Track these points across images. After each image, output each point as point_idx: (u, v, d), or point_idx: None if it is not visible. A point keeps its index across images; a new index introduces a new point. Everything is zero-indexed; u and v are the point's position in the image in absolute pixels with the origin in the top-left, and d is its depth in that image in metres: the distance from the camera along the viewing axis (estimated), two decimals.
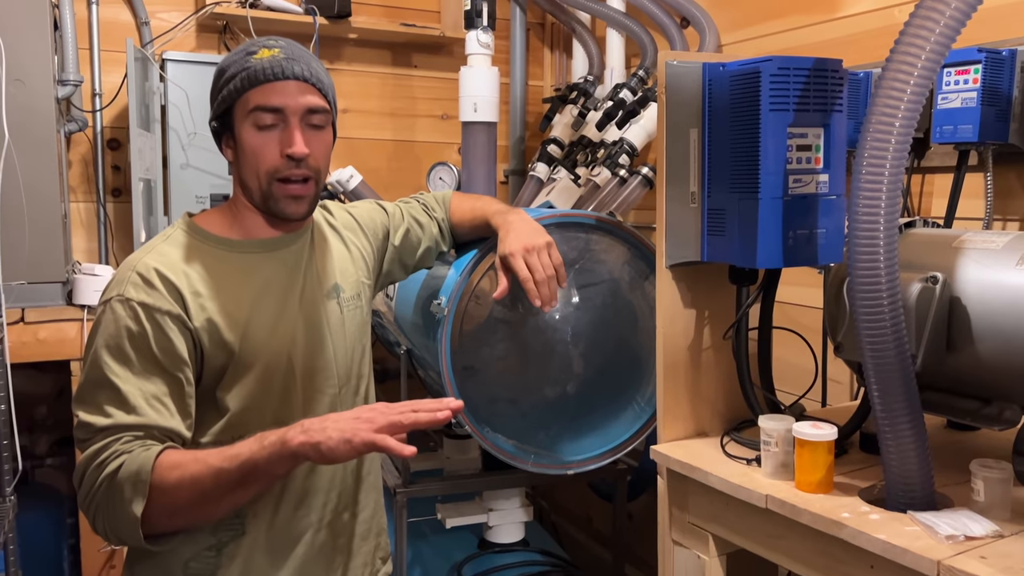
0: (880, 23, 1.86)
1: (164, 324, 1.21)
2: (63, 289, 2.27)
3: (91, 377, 1.20)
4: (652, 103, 2.40)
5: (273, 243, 1.35)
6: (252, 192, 1.31)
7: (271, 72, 1.25)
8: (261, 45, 1.28)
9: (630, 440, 1.95)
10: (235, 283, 1.29)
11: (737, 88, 1.35)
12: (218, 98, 1.29)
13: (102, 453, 1.15)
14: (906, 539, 1.07)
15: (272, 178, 1.28)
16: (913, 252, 1.28)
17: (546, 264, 1.58)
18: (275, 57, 1.26)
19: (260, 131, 1.26)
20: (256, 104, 1.25)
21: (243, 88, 1.25)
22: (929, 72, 1.06)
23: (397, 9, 3.03)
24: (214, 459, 1.13)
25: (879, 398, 1.14)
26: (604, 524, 2.97)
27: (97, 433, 1.17)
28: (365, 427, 1.09)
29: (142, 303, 1.20)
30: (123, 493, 1.13)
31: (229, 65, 1.28)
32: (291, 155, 1.26)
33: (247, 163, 1.29)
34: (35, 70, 2.20)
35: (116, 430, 1.16)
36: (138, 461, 1.13)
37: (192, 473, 1.12)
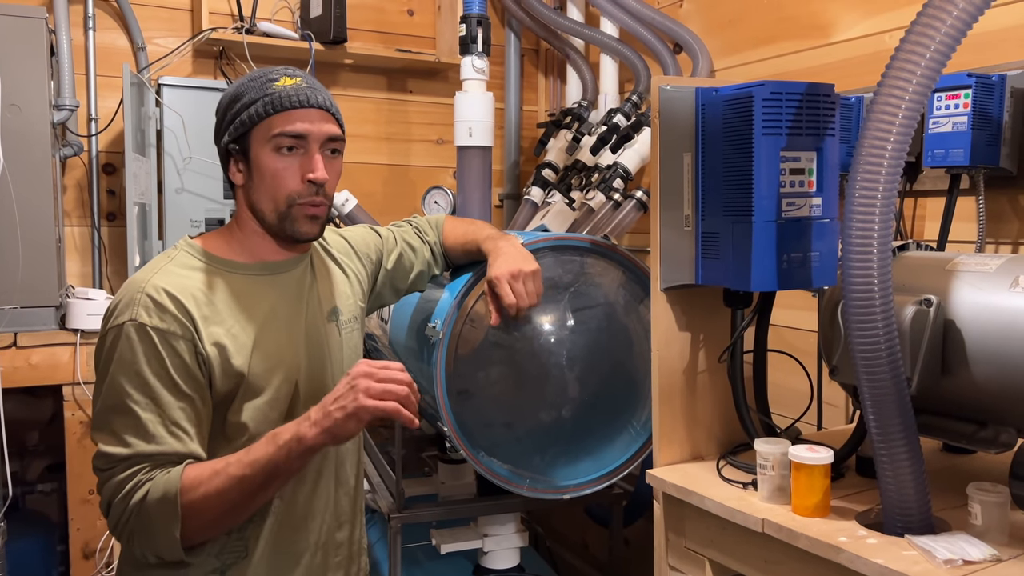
0: (871, 49, 1.88)
1: (179, 348, 1.21)
2: (56, 313, 2.26)
3: (108, 404, 1.20)
4: (646, 128, 2.42)
5: (277, 267, 1.35)
6: (265, 215, 1.31)
7: (296, 99, 1.27)
8: (282, 73, 1.30)
9: (626, 464, 1.94)
10: (242, 307, 1.29)
11: (730, 112, 1.36)
12: (235, 121, 1.29)
13: (126, 484, 1.17)
14: (904, 563, 1.06)
15: (291, 202, 1.29)
16: (907, 275, 1.28)
17: (531, 292, 1.62)
18: (298, 85, 1.29)
19: (281, 156, 1.28)
20: (281, 129, 1.27)
21: (266, 113, 1.27)
22: (920, 97, 1.07)
23: (392, 35, 3.05)
24: (234, 469, 1.16)
25: (875, 421, 1.13)
26: (600, 550, 2.94)
27: (119, 463, 1.18)
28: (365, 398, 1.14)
29: (156, 328, 1.20)
30: (156, 520, 1.16)
31: (246, 91, 1.29)
32: (313, 180, 1.28)
33: (263, 186, 1.29)
34: (31, 95, 2.21)
35: (137, 460, 1.18)
36: (162, 487, 1.16)
37: (217, 487, 1.16)
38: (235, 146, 1.30)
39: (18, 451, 2.50)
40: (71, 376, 2.23)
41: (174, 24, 2.77)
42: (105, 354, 1.22)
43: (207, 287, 1.27)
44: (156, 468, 1.18)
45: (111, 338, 1.21)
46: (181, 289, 1.25)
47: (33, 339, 2.20)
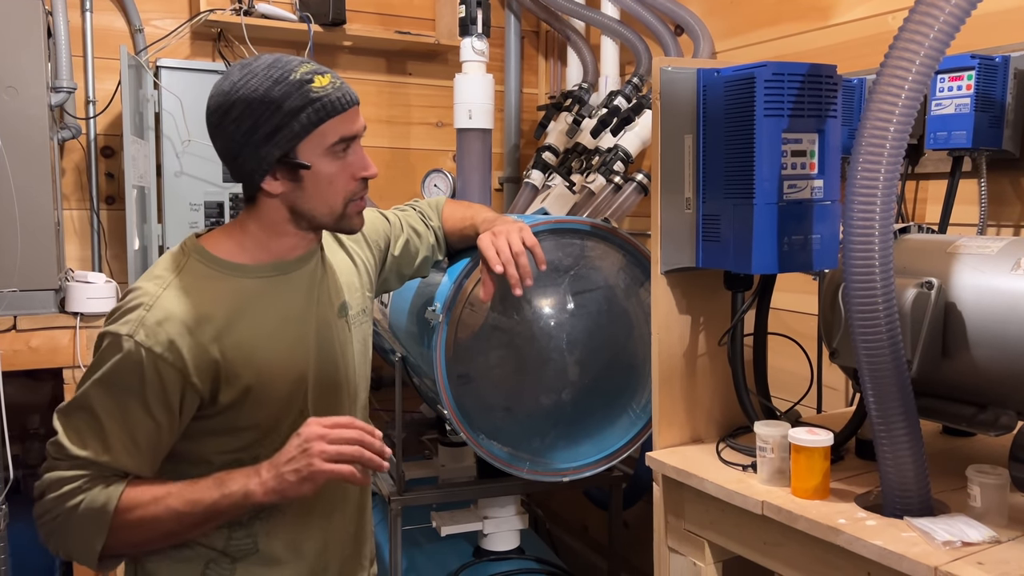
0: (873, 30, 1.87)
1: (165, 376, 1.19)
2: (56, 297, 2.26)
3: (81, 401, 1.20)
4: (647, 110, 2.41)
5: (289, 266, 1.31)
6: (318, 218, 1.28)
7: (343, 101, 1.23)
8: (312, 72, 1.22)
9: (625, 447, 1.95)
10: (252, 313, 1.26)
11: (732, 94, 1.35)
12: (282, 132, 1.20)
13: (66, 484, 1.18)
14: (903, 545, 1.07)
15: (347, 201, 1.28)
16: (908, 258, 1.28)
17: (514, 243, 1.55)
18: (335, 85, 1.24)
19: (337, 159, 1.25)
20: (341, 135, 1.24)
21: (319, 120, 1.21)
22: (923, 78, 1.06)
23: (392, 17, 3.03)
24: (174, 501, 1.18)
25: (875, 404, 1.13)
26: (600, 532, 2.96)
27: (68, 459, 1.18)
28: (319, 462, 1.15)
29: (150, 351, 1.18)
30: (83, 528, 1.17)
31: (284, 96, 1.19)
32: (367, 177, 1.29)
33: (319, 192, 1.25)
34: (28, 77, 2.20)
35: (86, 463, 1.18)
36: (100, 500, 1.17)
37: (152, 514, 1.18)
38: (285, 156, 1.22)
39: (19, 434, 2.50)
40: (71, 359, 2.23)
41: (172, 5, 2.75)
42: (98, 355, 1.21)
43: (217, 298, 1.24)
44: (99, 479, 1.18)
45: (107, 343, 1.20)
46: (189, 311, 1.21)
47: (33, 322, 2.20)
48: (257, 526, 1.30)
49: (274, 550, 1.31)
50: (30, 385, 2.46)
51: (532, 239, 1.58)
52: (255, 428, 1.27)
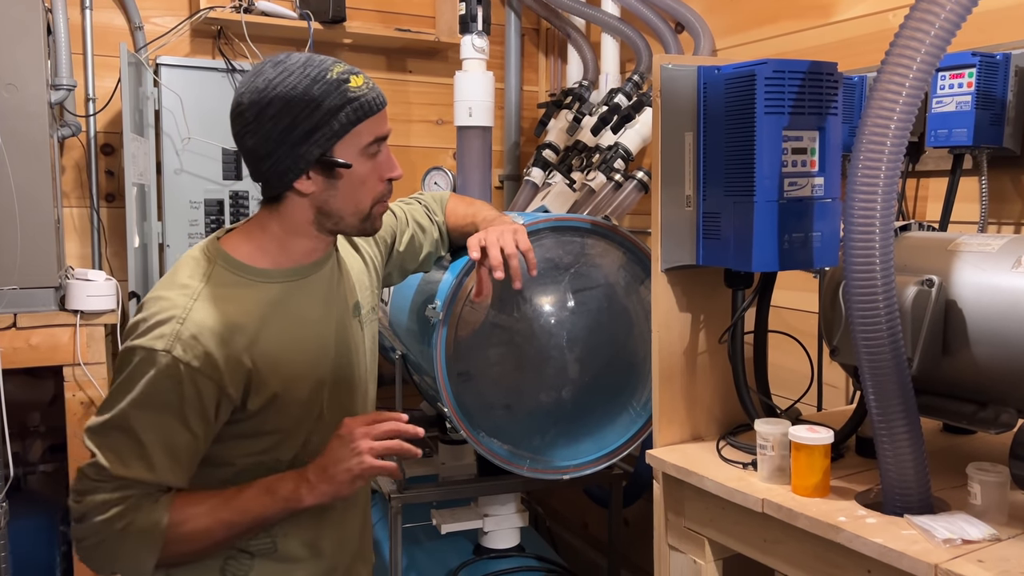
0: (874, 28, 1.87)
1: (203, 388, 1.18)
2: (56, 294, 2.26)
3: (117, 421, 1.18)
4: (647, 108, 2.41)
5: (307, 270, 1.31)
6: (345, 218, 1.27)
7: (377, 102, 1.24)
8: (348, 71, 1.24)
9: (626, 445, 1.95)
10: (277, 320, 1.26)
11: (732, 91, 1.35)
12: (322, 130, 1.20)
13: (111, 507, 1.16)
14: (903, 543, 1.07)
15: (375, 202, 1.29)
16: (909, 255, 1.28)
17: (507, 245, 1.52)
18: (369, 85, 1.25)
19: (370, 160, 1.25)
20: (376, 135, 1.25)
21: (357, 119, 1.22)
22: (924, 76, 1.06)
23: (392, 14, 3.03)
24: (224, 513, 1.21)
25: (875, 402, 1.13)
26: (600, 529, 2.96)
27: (110, 480, 1.17)
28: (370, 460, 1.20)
29: (188, 365, 1.17)
30: (135, 548, 1.18)
31: (323, 95, 1.19)
32: (394, 178, 1.29)
33: (351, 192, 1.25)
34: (28, 75, 2.19)
35: (130, 484, 1.17)
36: (151, 520, 1.17)
37: (204, 527, 1.20)
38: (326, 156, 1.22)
39: (19, 432, 2.50)
40: (71, 357, 2.23)
41: (172, 3, 2.75)
42: (130, 371, 1.18)
43: (245, 307, 1.23)
44: (145, 497, 1.18)
45: (139, 358, 1.17)
46: (222, 322, 1.20)
47: (33, 320, 2.20)
48: (276, 527, 1.29)
49: (292, 549, 1.32)
50: (30, 383, 2.46)
51: (526, 243, 1.54)
52: (278, 432, 1.28)
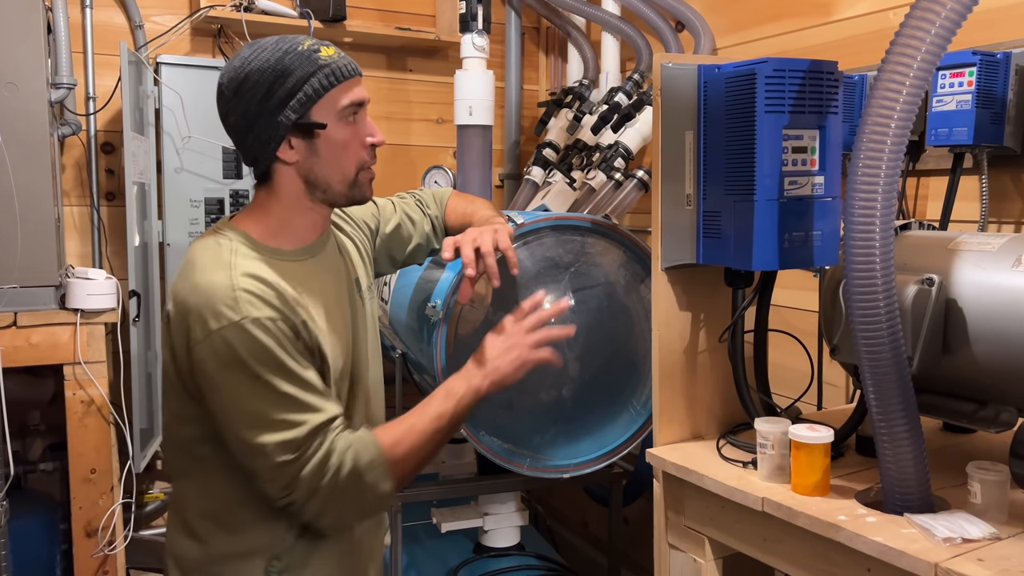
0: (875, 26, 1.87)
1: (297, 329, 1.23)
2: (56, 293, 2.25)
3: (261, 399, 1.19)
4: (647, 106, 2.41)
5: (315, 248, 1.35)
6: (332, 186, 1.30)
7: (350, 68, 1.29)
8: (318, 44, 1.28)
9: (626, 444, 1.95)
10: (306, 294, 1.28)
11: (732, 90, 1.35)
12: (296, 96, 1.24)
13: (324, 464, 1.20)
14: (903, 541, 1.07)
15: (359, 168, 1.31)
16: (909, 254, 1.28)
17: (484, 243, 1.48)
18: (344, 56, 1.29)
19: (348, 125, 1.28)
20: (350, 100, 1.27)
21: (330, 84, 1.26)
22: (924, 75, 1.06)
23: (392, 13, 3.03)
24: (425, 424, 1.29)
25: (875, 401, 1.13)
26: (600, 528, 2.96)
27: (304, 443, 1.19)
28: (528, 352, 1.36)
29: (270, 318, 1.19)
30: (369, 484, 1.24)
31: (293, 65, 1.24)
32: (375, 144, 1.32)
33: (333, 158, 1.28)
34: (28, 73, 2.19)
35: (317, 432, 1.20)
36: (366, 453, 1.23)
37: (414, 442, 1.28)
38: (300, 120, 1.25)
39: (19, 430, 2.50)
40: (71, 356, 2.22)
41: (172, 1, 2.75)
42: (227, 358, 1.18)
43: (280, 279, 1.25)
44: (339, 436, 1.22)
45: (226, 340, 1.17)
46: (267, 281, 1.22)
47: (33, 319, 2.20)
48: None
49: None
50: (30, 381, 2.46)
51: (505, 241, 1.51)
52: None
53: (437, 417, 1.29)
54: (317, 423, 1.20)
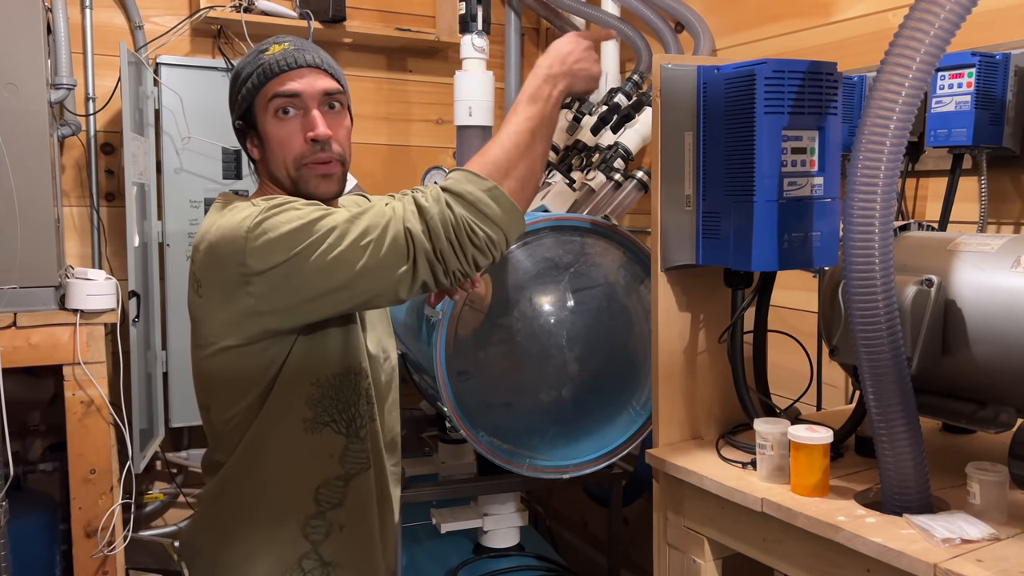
0: (874, 27, 1.87)
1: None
2: (56, 293, 2.25)
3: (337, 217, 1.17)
4: (647, 107, 2.41)
5: None
6: (282, 181, 1.32)
7: (284, 63, 1.29)
8: (271, 43, 1.33)
9: (625, 444, 1.95)
10: None
11: (732, 91, 1.35)
12: (237, 98, 1.32)
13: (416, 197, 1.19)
14: (902, 542, 1.07)
15: (299, 163, 1.30)
16: (908, 255, 1.28)
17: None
18: (286, 50, 1.31)
19: (281, 120, 1.29)
20: (275, 91, 1.28)
21: (260, 83, 1.28)
22: (923, 76, 1.06)
23: (392, 14, 3.03)
24: (512, 128, 1.22)
25: (875, 401, 1.13)
26: (599, 529, 2.96)
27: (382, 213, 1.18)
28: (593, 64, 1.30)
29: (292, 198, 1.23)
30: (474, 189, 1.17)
31: (244, 67, 1.32)
32: (315, 138, 1.28)
33: (274, 154, 1.30)
34: (28, 74, 2.19)
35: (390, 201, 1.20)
36: (456, 176, 1.19)
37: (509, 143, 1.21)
38: (240, 122, 1.32)
39: (19, 431, 2.50)
40: (71, 356, 2.22)
41: (172, 2, 2.75)
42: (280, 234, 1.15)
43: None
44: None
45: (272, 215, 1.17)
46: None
47: (33, 319, 2.19)
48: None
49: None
50: (30, 382, 2.45)
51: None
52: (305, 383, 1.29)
53: (527, 118, 1.23)
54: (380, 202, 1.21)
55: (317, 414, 1.29)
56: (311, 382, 1.28)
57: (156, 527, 2.80)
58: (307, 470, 1.30)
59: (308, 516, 1.31)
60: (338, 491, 1.32)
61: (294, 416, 1.27)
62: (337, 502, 1.32)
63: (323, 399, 1.29)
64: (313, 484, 1.31)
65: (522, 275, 1.82)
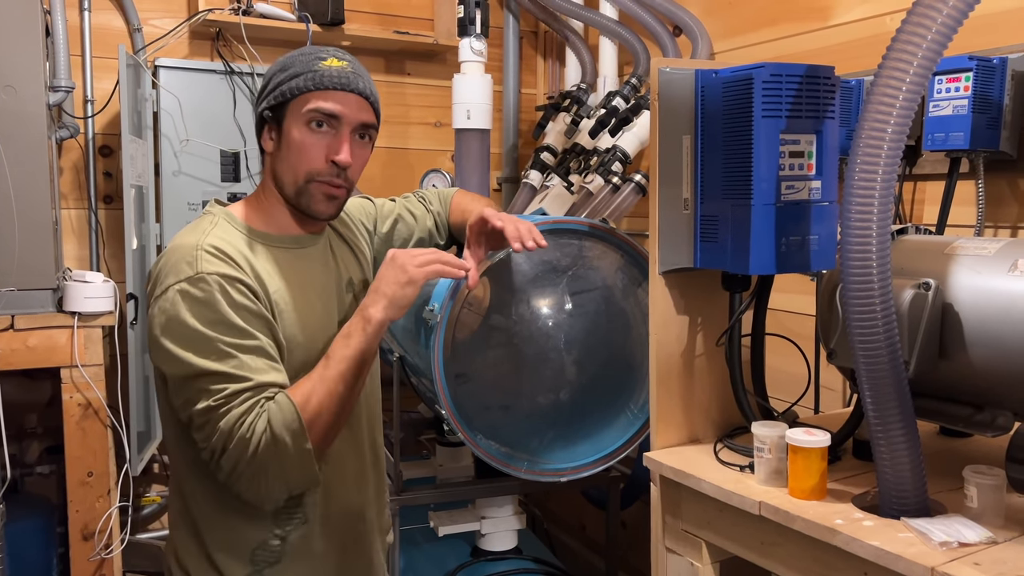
0: (871, 31, 1.87)
1: (250, 292, 1.24)
2: (54, 296, 2.25)
3: (204, 354, 1.19)
4: (645, 111, 2.41)
5: (303, 240, 1.38)
6: (285, 185, 1.32)
7: (339, 81, 1.29)
8: (332, 54, 1.33)
9: (623, 447, 1.95)
10: (283, 278, 1.31)
11: (730, 95, 1.35)
12: (277, 89, 1.30)
13: (245, 417, 1.18)
14: (900, 546, 1.07)
15: (311, 178, 1.31)
16: (905, 259, 1.28)
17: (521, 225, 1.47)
18: (344, 69, 1.31)
19: (312, 131, 1.29)
20: (317, 106, 1.28)
21: (307, 88, 1.28)
22: (921, 80, 1.07)
23: (390, 17, 3.03)
24: (331, 372, 1.24)
25: (872, 405, 1.14)
26: (597, 532, 2.96)
27: (232, 397, 1.19)
28: (413, 268, 1.27)
29: (225, 276, 1.22)
30: (288, 443, 1.19)
31: (294, 63, 1.31)
32: (337, 162, 1.30)
33: (289, 158, 1.31)
34: (26, 76, 2.19)
35: (245, 393, 1.19)
36: (281, 413, 1.19)
37: (327, 391, 1.22)
38: (270, 113, 1.31)
39: (16, 433, 2.50)
40: (68, 359, 2.22)
41: (170, 5, 2.75)
42: (179, 313, 1.20)
43: (251, 254, 1.29)
44: (265, 400, 1.20)
45: (178, 294, 1.20)
46: (235, 250, 1.27)
47: (30, 321, 2.19)
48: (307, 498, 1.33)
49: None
50: (27, 384, 2.45)
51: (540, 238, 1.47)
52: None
53: (341, 359, 1.24)
54: (254, 383, 1.20)
55: None
56: None
57: (153, 530, 2.79)
58: (241, 530, 1.30)
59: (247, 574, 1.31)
60: (275, 551, 1.32)
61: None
62: (275, 559, 1.32)
63: None
64: (249, 547, 1.30)
65: (520, 278, 1.82)
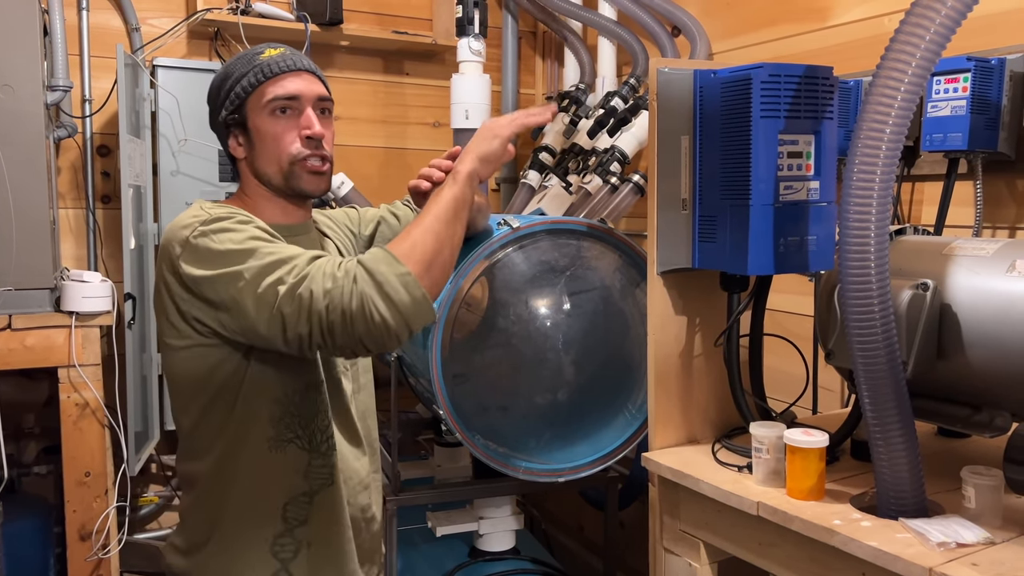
0: (870, 32, 1.87)
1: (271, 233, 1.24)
2: (51, 296, 2.25)
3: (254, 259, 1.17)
4: (643, 111, 2.41)
5: (293, 229, 1.38)
6: (271, 178, 1.35)
7: (284, 65, 1.33)
8: (265, 47, 1.37)
9: (621, 447, 1.95)
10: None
11: (728, 95, 1.35)
12: (229, 96, 1.34)
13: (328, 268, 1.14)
14: (897, 546, 1.07)
15: (293, 160, 1.33)
16: (904, 259, 1.28)
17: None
18: (283, 54, 1.35)
19: (278, 119, 1.32)
20: (275, 94, 1.32)
21: (258, 82, 1.32)
22: (919, 80, 1.07)
23: (389, 17, 3.03)
24: (423, 217, 1.21)
25: (870, 405, 1.14)
26: (595, 532, 2.96)
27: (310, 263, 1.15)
28: (499, 125, 1.29)
29: (238, 215, 1.25)
30: (382, 269, 1.13)
31: (235, 68, 1.35)
32: (311, 136, 1.32)
33: (266, 151, 1.33)
34: (24, 76, 2.19)
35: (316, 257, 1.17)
36: (370, 252, 1.16)
37: (420, 228, 1.19)
38: (234, 117, 1.34)
39: (14, 433, 2.49)
40: (66, 358, 2.22)
41: (168, 4, 2.75)
42: (208, 246, 1.19)
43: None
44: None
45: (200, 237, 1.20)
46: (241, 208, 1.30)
47: (28, 321, 2.19)
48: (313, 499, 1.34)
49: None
50: (24, 384, 2.45)
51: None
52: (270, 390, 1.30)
53: (432, 204, 1.23)
54: (310, 255, 1.17)
55: (280, 431, 1.30)
56: (272, 400, 1.30)
57: (151, 530, 2.79)
58: (274, 488, 1.32)
59: (276, 535, 1.32)
60: (304, 508, 1.33)
61: (257, 435, 1.30)
62: (304, 519, 1.33)
63: (285, 416, 1.31)
64: (280, 502, 1.32)
65: (518, 278, 1.82)
